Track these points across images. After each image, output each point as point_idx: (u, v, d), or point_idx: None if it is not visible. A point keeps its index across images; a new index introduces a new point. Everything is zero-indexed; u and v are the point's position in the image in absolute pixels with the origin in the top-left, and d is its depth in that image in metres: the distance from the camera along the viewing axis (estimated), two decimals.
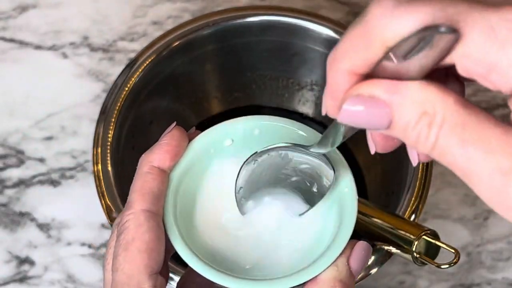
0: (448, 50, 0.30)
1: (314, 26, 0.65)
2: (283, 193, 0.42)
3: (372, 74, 0.32)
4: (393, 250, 0.53)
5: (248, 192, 0.42)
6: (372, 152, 0.37)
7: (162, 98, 0.66)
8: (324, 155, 0.39)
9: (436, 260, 0.50)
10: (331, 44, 0.65)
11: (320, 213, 0.41)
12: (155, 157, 0.40)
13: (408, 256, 0.51)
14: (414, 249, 0.50)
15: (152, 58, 0.64)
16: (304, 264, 0.39)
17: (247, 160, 0.40)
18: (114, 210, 0.57)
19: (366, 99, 0.31)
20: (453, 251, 0.49)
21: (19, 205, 0.70)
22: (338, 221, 0.40)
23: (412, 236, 0.51)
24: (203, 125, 0.43)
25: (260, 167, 0.41)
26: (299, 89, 0.71)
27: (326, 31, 0.65)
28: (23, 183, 0.71)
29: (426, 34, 0.29)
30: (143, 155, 0.40)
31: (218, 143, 0.42)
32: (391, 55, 0.30)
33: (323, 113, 0.34)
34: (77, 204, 0.70)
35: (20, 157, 0.72)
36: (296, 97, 0.71)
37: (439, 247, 0.50)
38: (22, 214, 0.70)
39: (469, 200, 0.70)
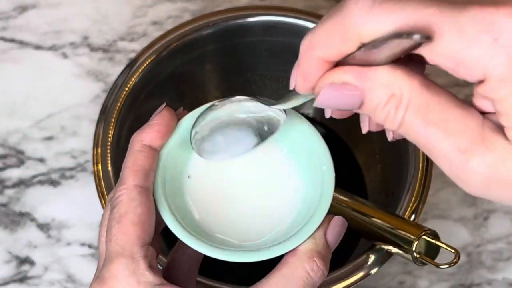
0: (416, 46, 0.33)
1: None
2: (236, 130, 0.44)
3: (344, 60, 0.35)
4: (393, 250, 0.53)
5: (202, 134, 0.44)
6: (328, 115, 0.40)
7: (162, 98, 0.66)
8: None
9: (436, 260, 0.50)
10: None
11: (301, 190, 0.44)
12: (146, 136, 0.42)
13: (408, 256, 0.51)
14: (414, 249, 0.50)
15: (152, 58, 0.64)
16: (283, 237, 0.41)
17: (205, 109, 0.43)
18: None
19: (339, 86, 0.35)
20: (453, 251, 0.49)
21: (19, 205, 0.70)
22: (317, 198, 0.42)
23: (412, 236, 0.51)
24: None
25: (216, 113, 0.43)
26: None
27: None
28: (23, 183, 0.71)
29: (400, 37, 0.32)
30: (134, 134, 0.43)
31: None
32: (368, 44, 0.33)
33: (291, 87, 0.39)
34: (77, 204, 0.70)
35: (20, 157, 0.72)
36: None
37: (439, 247, 0.50)
38: (22, 214, 0.70)
39: (469, 200, 0.70)
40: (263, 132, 0.44)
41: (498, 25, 0.31)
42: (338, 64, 0.35)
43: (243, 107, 0.43)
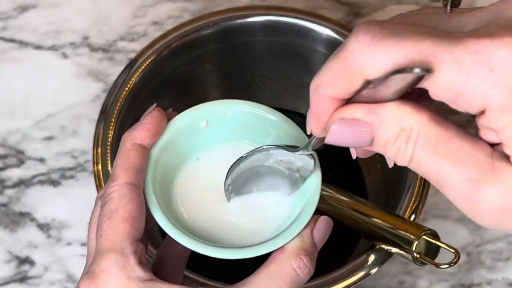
0: (419, 80, 0.33)
1: (314, 26, 0.65)
2: (267, 182, 0.45)
3: (351, 99, 0.35)
4: (393, 250, 0.53)
5: (235, 186, 0.45)
6: (354, 157, 0.41)
7: (162, 98, 0.66)
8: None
9: (436, 260, 0.50)
10: (331, 44, 0.65)
11: (283, 190, 0.45)
12: (137, 135, 0.43)
13: (408, 256, 0.51)
14: (414, 249, 0.50)
15: (152, 58, 0.64)
16: (274, 235, 0.42)
17: (235, 162, 0.44)
18: None
19: (349, 122, 0.35)
20: (453, 251, 0.49)
21: (19, 205, 0.70)
22: (305, 198, 0.43)
23: (412, 236, 0.51)
24: None
25: (245, 163, 0.44)
26: (299, 89, 0.71)
27: (326, 31, 0.65)
28: (23, 183, 0.71)
29: (402, 73, 0.32)
30: (125, 132, 0.44)
31: (195, 123, 0.45)
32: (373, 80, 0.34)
33: (308, 132, 0.38)
34: (77, 204, 0.70)
35: (20, 157, 0.72)
36: (296, 97, 0.71)
37: (439, 247, 0.50)
38: (22, 214, 0.70)
39: None
40: (294, 179, 0.44)
41: (493, 56, 0.32)
42: (348, 103, 0.36)
43: (271, 156, 0.44)
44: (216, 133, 0.45)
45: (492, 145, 0.34)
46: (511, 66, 0.32)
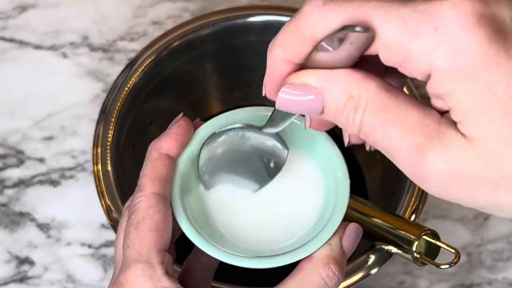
0: (367, 44, 0.34)
1: None
2: (244, 171, 0.44)
3: (306, 64, 0.35)
4: (393, 250, 0.53)
5: (212, 171, 0.44)
6: (308, 127, 0.40)
7: (162, 98, 0.66)
8: (277, 134, 0.43)
9: (436, 260, 0.50)
10: None
11: (319, 197, 0.44)
12: (163, 145, 0.43)
13: (408, 256, 0.51)
14: (414, 249, 0.50)
15: (152, 58, 0.64)
16: (300, 243, 0.41)
17: (206, 140, 0.44)
18: (114, 210, 0.57)
19: (298, 87, 0.35)
20: (453, 251, 0.49)
21: (19, 205, 0.70)
22: (332, 205, 0.42)
23: (412, 236, 0.51)
24: None
25: (221, 147, 0.44)
26: None
27: None
28: (23, 183, 0.71)
29: (344, 32, 0.33)
30: (152, 142, 0.43)
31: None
32: (324, 44, 0.34)
33: (263, 94, 0.38)
34: (77, 204, 0.70)
35: (20, 157, 0.72)
36: None
37: (439, 247, 0.50)
38: (22, 214, 0.70)
39: None
40: (269, 169, 0.44)
41: (439, 14, 0.32)
42: (302, 69, 0.36)
43: (244, 140, 0.43)
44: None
45: (442, 113, 0.34)
46: (457, 27, 0.31)
